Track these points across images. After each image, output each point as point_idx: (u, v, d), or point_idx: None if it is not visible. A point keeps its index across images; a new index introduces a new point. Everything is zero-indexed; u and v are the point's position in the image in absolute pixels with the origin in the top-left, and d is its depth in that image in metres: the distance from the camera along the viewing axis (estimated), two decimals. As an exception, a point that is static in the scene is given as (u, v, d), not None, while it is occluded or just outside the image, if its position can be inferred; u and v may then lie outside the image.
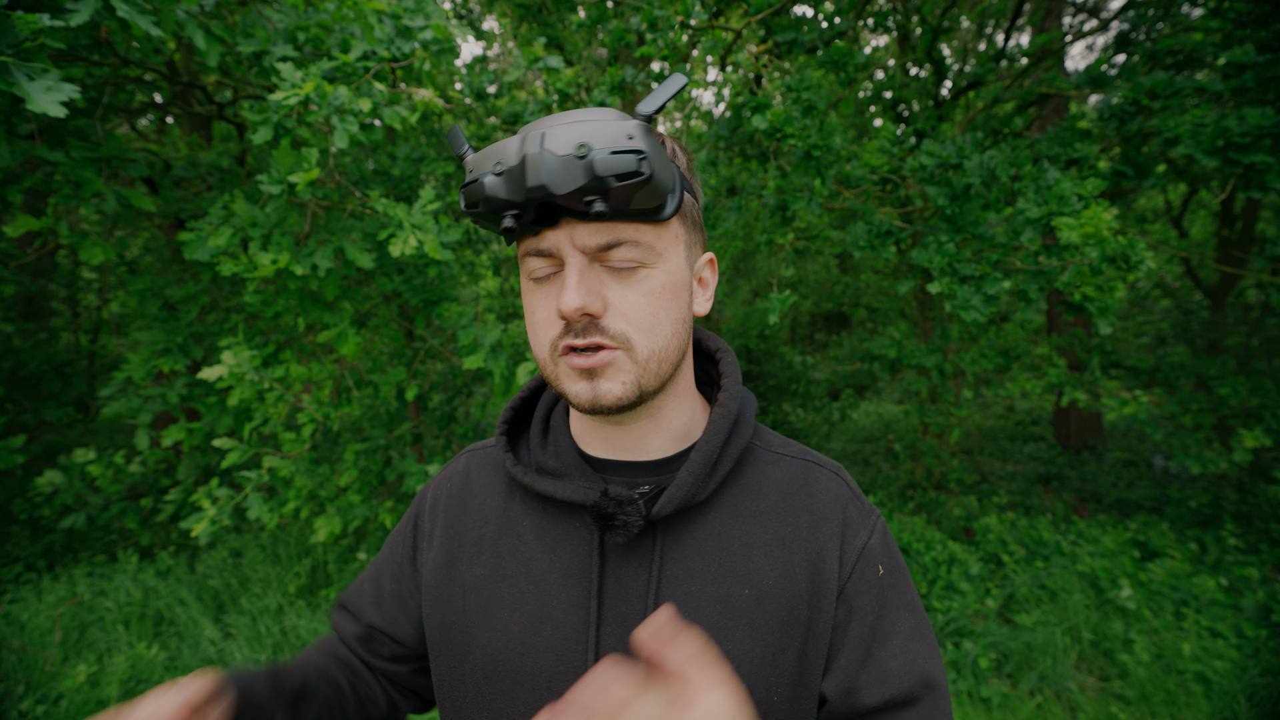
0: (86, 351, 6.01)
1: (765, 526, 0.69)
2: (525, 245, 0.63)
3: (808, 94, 2.69)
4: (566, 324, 0.61)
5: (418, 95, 1.96)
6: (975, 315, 2.46)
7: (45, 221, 2.03)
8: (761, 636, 0.65)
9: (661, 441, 0.72)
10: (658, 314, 0.62)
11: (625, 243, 0.60)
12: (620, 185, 0.55)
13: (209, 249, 1.94)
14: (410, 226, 1.91)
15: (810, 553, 0.69)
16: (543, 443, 0.75)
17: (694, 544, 0.68)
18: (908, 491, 5.51)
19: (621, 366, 0.61)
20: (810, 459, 0.76)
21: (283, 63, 1.77)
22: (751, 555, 0.68)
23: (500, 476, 0.78)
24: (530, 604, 0.69)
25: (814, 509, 0.71)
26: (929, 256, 2.66)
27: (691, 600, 0.66)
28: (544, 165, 0.54)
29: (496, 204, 0.58)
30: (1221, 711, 3.05)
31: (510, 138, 0.58)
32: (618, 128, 0.56)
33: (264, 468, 2.46)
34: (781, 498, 0.71)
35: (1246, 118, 2.54)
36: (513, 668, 0.68)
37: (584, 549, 0.69)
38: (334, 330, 2.34)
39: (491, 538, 0.74)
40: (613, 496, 0.65)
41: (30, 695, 3.18)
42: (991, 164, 2.67)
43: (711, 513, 0.69)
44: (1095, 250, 2.20)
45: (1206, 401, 4.11)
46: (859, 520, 0.72)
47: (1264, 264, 3.48)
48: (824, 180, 2.84)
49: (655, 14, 2.67)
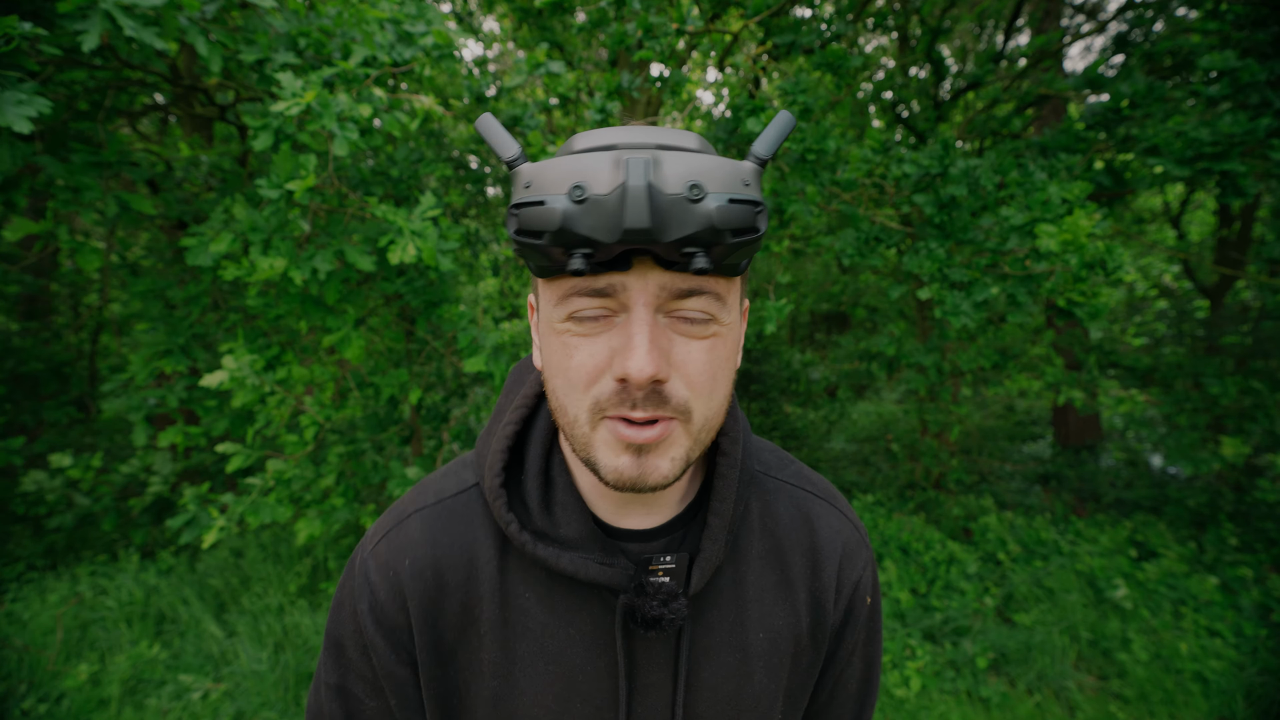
0: (87, 352, 6.02)
1: (773, 569, 0.69)
2: (572, 281, 0.51)
3: (803, 97, 2.70)
4: (622, 387, 0.51)
5: (418, 103, 1.97)
6: (965, 321, 2.48)
7: (44, 225, 2.04)
8: (775, 675, 0.67)
9: (670, 504, 0.66)
10: (718, 376, 0.54)
11: (706, 294, 0.51)
12: (735, 241, 0.47)
13: (211, 254, 1.96)
14: (410, 233, 1.92)
15: (813, 591, 0.70)
16: (544, 501, 0.64)
17: (711, 597, 0.66)
18: (907, 491, 5.52)
19: (676, 441, 0.53)
20: (808, 487, 0.74)
21: (283, 71, 1.78)
22: (763, 600, 0.68)
23: (482, 535, 0.65)
24: (554, 683, 0.64)
25: (816, 547, 0.71)
26: (920, 263, 2.67)
27: (712, 653, 0.66)
28: (652, 204, 0.44)
29: (572, 239, 0.46)
30: (1219, 710, 3.07)
31: (594, 154, 0.48)
32: (734, 170, 0.48)
33: (269, 472, 2.47)
34: (785, 535, 0.70)
35: (1218, 126, 2.56)
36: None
37: (604, 621, 0.64)
38: (338, 334, 2.35)
39: (491, 620, 0.64)
40: (653, 594, 0.60)
41: (32, 694, 3.19)
42: (976, 173, 2.68)
43: (726, 564, 0.67)
44: (1075, 257, 2.21)
45: (1201, 401, 4.13)
46: (855, 553, 0.73)
47: (1261, 265, 3.49)
48: (820, 183, 2.85)
49: (651, 20, 2.67)
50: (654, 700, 0.65)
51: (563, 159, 0.49)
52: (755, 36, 3.56)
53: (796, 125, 2.73)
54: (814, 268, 7.28)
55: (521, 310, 5.72)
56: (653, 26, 2.67)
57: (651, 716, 0.65)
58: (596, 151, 0.49)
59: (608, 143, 0.50)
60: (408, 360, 3.57)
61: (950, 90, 4.90)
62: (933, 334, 4.40)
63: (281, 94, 1.68)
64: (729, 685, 0.66)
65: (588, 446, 0.54)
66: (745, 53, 3.25)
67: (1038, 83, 4.05)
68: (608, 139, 0.51)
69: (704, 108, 6.20)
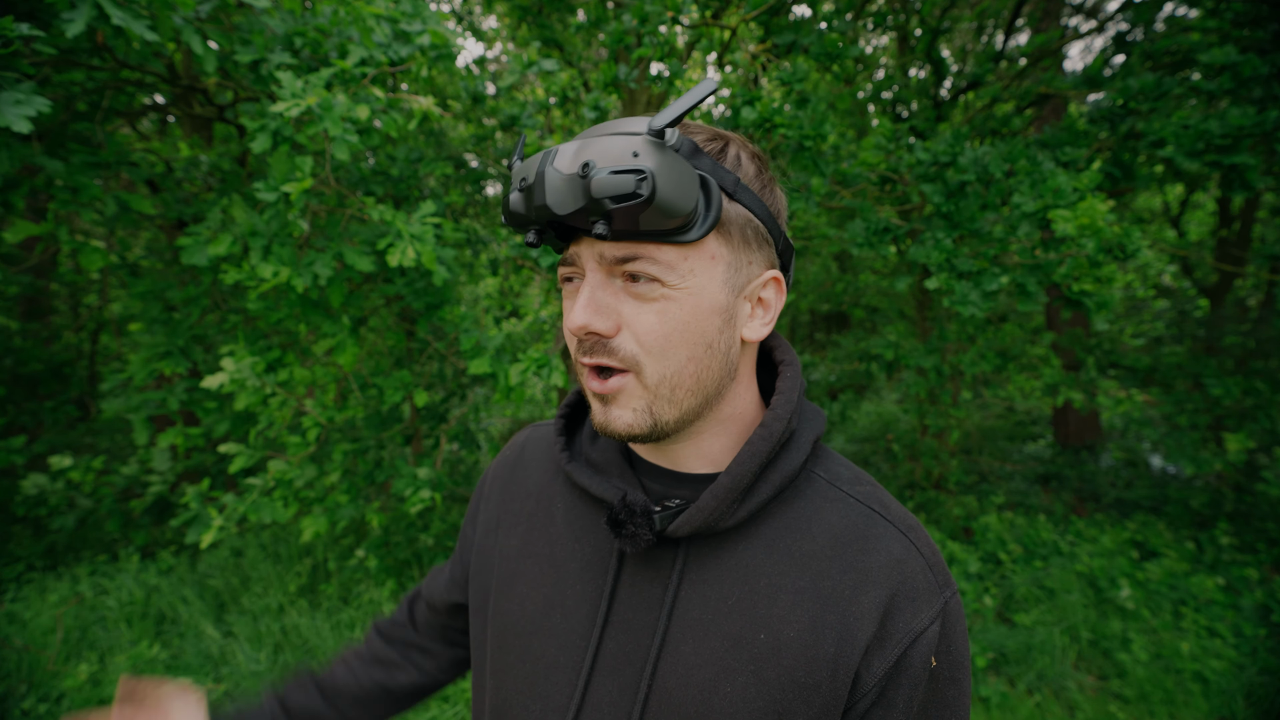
0: (87, 352, 6.02)
1: (802, 573, 0.61)
2: (564, 255, 0.63)
3: (800, 85, 2.69)
4: (580, 339, 0.60)
5: (415, 103, 1.97)
6: (974, 310, 2.46)
7: (45, 227, 2.04)
8: (768, 689, 0.58)
9: (702, 462, 0.68)
10: (671, 338, 0.58)
11: (641, 258, 0.56)
12: (618, 208, 0.52)
13: (207, 255, 1.95)
14: (409, 236, 1.92)
15: (845, 616, 0.59)
16: (594, 434, 0.76)
17: (716, 571, 0.63)
18: (907, 492, 5.52)
19: (632, 393, 0.60)
20: (878, 508, 0.65)
21: (282, 71, 1.78)
22: (776, 599, 0.61)
23: (550, 455, 0.80)
24: (546, 587, 0.70)
25: (865, 568, 0.61)
26: (926, 253, 2.67)
27: (700, 629, 0.61)
28: (549, 185, 0.54)
29: (517, 219, 0.59)
30: (1220, 710, 3.06)
31: (538, 153, 0.58)
32: (624, 145, 0.53)
33: (270, 473, 2.47)
34: (830, 544, 0.62)
35: (1227, 118, 2.55)
36: (520, 644, 0.69)
37: (605, 547, 0.68)
38: (333, 340, 2.35)
39: (528, 512, 0.76)
40: (629, 503, 0.62)
41: (32, 694, 3.19)
42: (985, 160, 2.68)
43: (744, 543, 0.63)
44: (1091, 241, 2.20)
45: (1201, 401, 4.12)
46: (920, 596, 0.60)
47: (1262, 263, 3.48)
48: (822, 174, 2.84)
49: (646, 9, 2.67)
50: (629, 643, 0.63)
51: (531, 156, 0.59)
52: (755, 36, 3.56)
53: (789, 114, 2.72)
54: (814, 267, 7.27)
55: (521, 310, 5.72)
56: (648, 16, 2.66)
57: (621, 663, 0.63)
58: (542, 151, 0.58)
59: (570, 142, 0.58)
60: (409, 361, 3.57)
61: (950, 90, 4.89)
62: (932, 335, 4.40)
63: (281, 94, 1.67)
64: (706, 672, 0.60)
65: (585, 392, 0.65)
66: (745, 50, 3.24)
67: (1038, 82, 4.05)
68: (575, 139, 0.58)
69: (704, 106, 6.19)
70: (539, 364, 2.31)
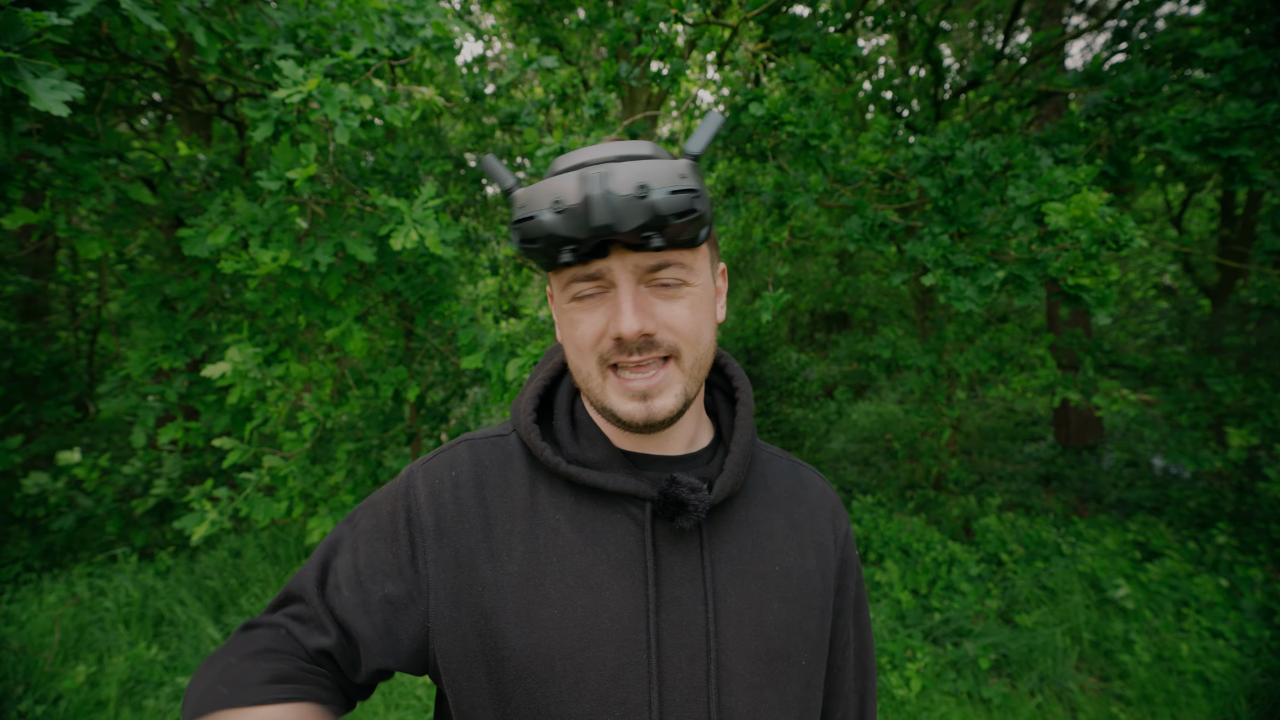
0: (85, 351, 6.01)
1: (778, 514, 0.80)
2: (570, 271, 0.66)
3: (804, 84, 2.69)
4: (619, 343, 0.65)
5: (418, 93, 1.96)
6: (970, 306, 2.45)
7: (43, 214, 2.03)
8: (790, 605, 0.75)
9: (679, 441, 0.78)
10: (700, 325, 0.68)
11: (672, 264, 0.65)
12: (679, 222, 0.61)
13: (208, 246, 1.94)
14: (412, 221, 1.91)
15: (813, 536, 0.81)
16: (573, 434, 0.77)
17: (730, 529, 0.75)
18: (907, 492, 5.50)
19: (673, 379, 0.68)
20: (792, 460, 0.89)
21: (284, 60, 1.77)
22: (774, 537, 0.78)
23: (517, 467, 0.75)
24: (582, 599, 0.68)
25: (809, 500, 0.84)
26: (923, 249, 2.65)
27: (737, 579, 0.73)
28: (609, 205, 0.59)
29: (558, 241, 0.62)
30: (1222, 712, 3.05)
31: (561, 176, 0.62)
32: (671, 168, 0.61)
33: (264, 468, 2.46)
34: (785, 490, 0.83)
35: (1225, 111, 2.54)
36: (574, 665, 0.66)
37: (630, 539, 0.71)
38: (339, 328, 2.33)
39: (522, 532, 0.71)
40: (684, 484, 0.69)
41: (29, 695, 3.17)
42: (983, 155, 2.67)
43: (738, 500, 0.78)
44: (1085, 233, 2.19)
45: (1203, 400, 4.11)
46: (839, 511, 0.87)
47: (1264, 258, 3.47)
48: (824, 171, 2.84)
49: (649, 6, 2.67)
50: (681, 616, 0.70)
51: (545, 181, 0.63)
52: (754, 34, 3.55)
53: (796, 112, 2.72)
54: (814, 267, 7.27)
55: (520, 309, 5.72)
56: (650, 13, 2.67)
57: (680, 634, 0.69)
58: (569, 171, 0.63)
59: (578, 162, 0.63)
60: (408, 358, 3.55)
61: (950, 89, 4.89)
62: (931, 336, 4.39)
63: (283, 82, 1.66)
64: (753, 612, 0.72)
65: (602, 397, 0.68)
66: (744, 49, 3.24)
67: (1038, 79, 4.04)
68: (577, 159, 0.64)
69: (704, 106, 6.19)
70: (538, 360, 2.29)
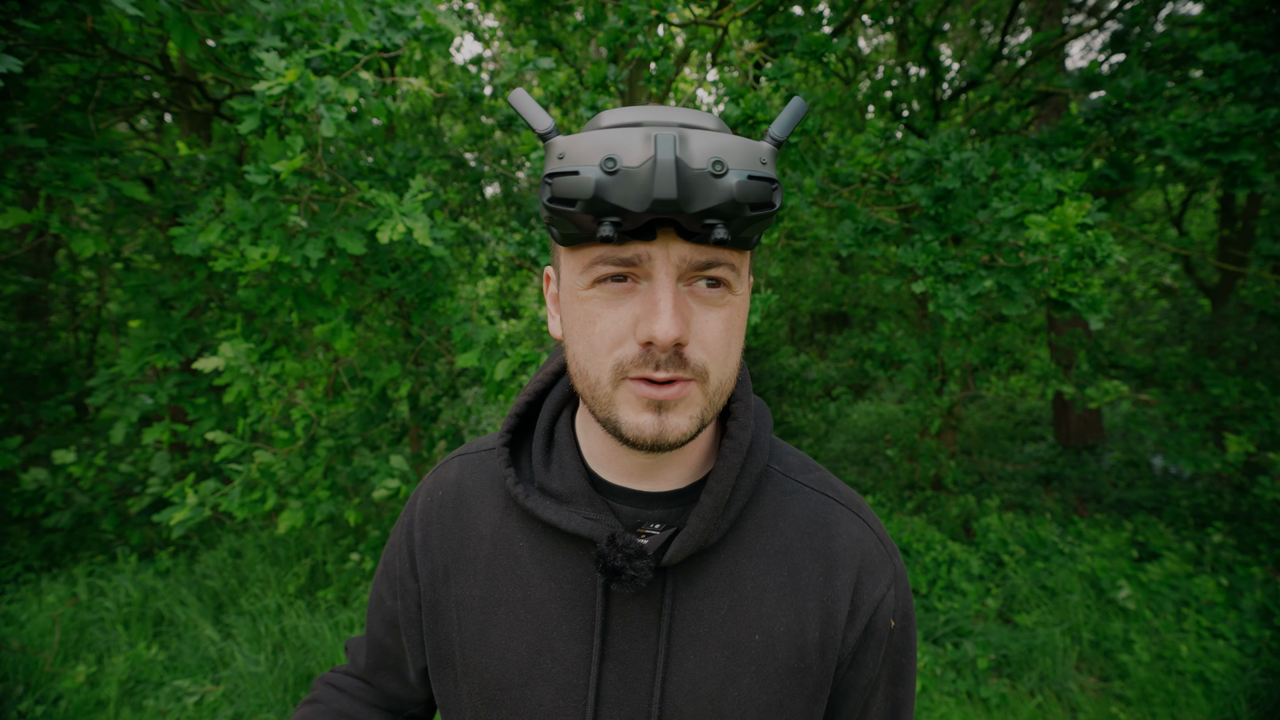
0: (85, 351, 6.02)
1: (779, 569, 0.65)
2: (598, 250, 0.54)
3: (786, 82, 2.68)
4: (646, 350, 0.53)
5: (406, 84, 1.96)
6: (959, 314, 2.45)
7: (36, 214, 2.03)
8: (769, 684, 0.63)
9: (679, 471, 0.66)
10: (731, 344, 0.57)
11: (722, 264, 0.54)
12: (752, 215, 0.51)
13: (199, 244, 1.94)
14: (399, 214, 1.90)
15: (824, 601, 0.65)
16: (545, 458, 0.68)
17: (704, 584, 0.64)
18: (906, 492, 5.50)
19: (694, 400, 0.56)
20: (831, 494, 0.71)
21: (267, 53, 1.75)
22: (763, 599, 0.64)
23: (496, 488, 0.72)
24: (529, 633, 0.64)
25: (831, 553, 0.67)
26: (914, 255, 2.65)
27: (699, 644, 0.63)
28: (680, 177, 0.48)
29: (603, 208, 0.49)
30: (1222, 712, 3.04)
31: (624, 130, 0.51)
32: (752, 150, 0.51)
33: (255, 462, 2.45)
34: (798, 537, 0.67)
35: (1226, 116, 2.53)
36: (511, 697, 0.64)
37: (586, 580, 0.64)
38: (329, 325, 2.32)
39: (486, 557, 0.68)
40: (621, 547, 0.59)
41: (29, 695, 3.18)
42: (969, 166, 2.66)
43: (724, 550, 0.65)
44: (1064, 247, 2.19)
45: (1201, 402, 4.10)
46: (877, 568, 0.68)
47: (1261, 263, 3.46)
48: (812, 173, 2.84)
49: (632, 10, 2.66)
50: (629, 672, 0.62)
51: (595, 133, 0.51)
52: (752, 34, 3.55)
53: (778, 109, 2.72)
54: (814, 268, 7.27)
55: (520, 311, 5.70)
56: (634, 16, 2.66)
57: (624, 691, 0.62)
58: (625, 128, 0.52)
59: (635, 120, 0.53)
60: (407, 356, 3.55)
61: (950, 89, 4.88)
62: (926, 333, 4.38)
63: (265, 75, 1.66)
64: (712, 683, 0.62)
65: (610, 406, 0.56)
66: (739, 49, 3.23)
67: (1037, 80, 4.04)
68: (634, 116, 0.53)
69: (704, 107, 6.19)
70: (526, 360, 2.29)
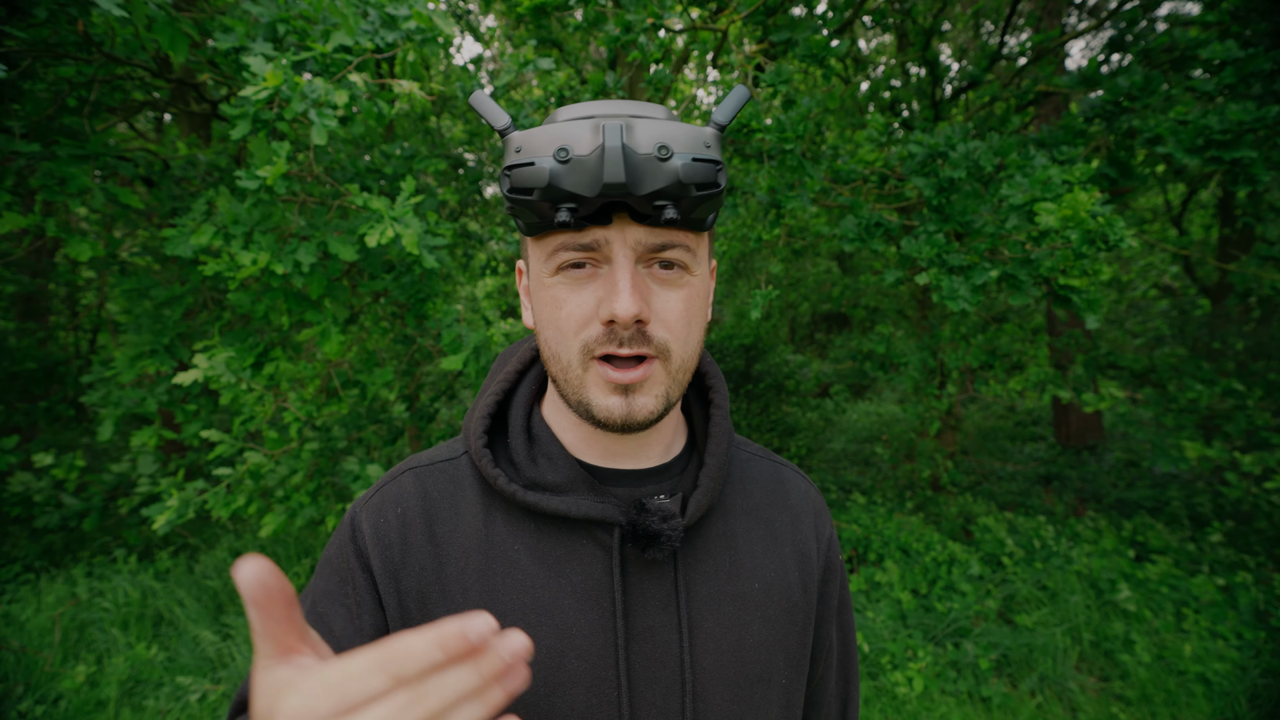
0: (84, 352, 6.02)
1: (757, 524, 0.73)
2: (560, 238, 0.57)
3: (784, 87, 2.68)
4: (609, 329, 0.57)
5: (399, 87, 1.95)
6: (963, 305, 2.44)
7: (32, 219, 2.02)
8: (772, 626, 0.69)
9: (658, 448, 0.69)
10: (692, 321, 0.60)
11: (677, 246, 0.57)
12: (700, 195, 0.54)
13: (191, 246, 1.92)
14: (390, 219, 1.89)
15: (796, 545, 0.74)
16: (529, 453, 0.67)
17: (704, 546, 0.68)
18: (905, 492, 5.50)
19: (658, 380, 0.59)
20: (774, 459, 0.81)
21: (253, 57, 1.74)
22: (753, 551, 0.71)
23: (469, 495, 0.67)
24: (547, 639, 0.62)
25: (791, 505, 0.77)
26: (918, 247, 2.64)
27: (713, 602, 0.67)
28: (626, 162, 0.51)
29: (558, 195, 0.53)
30: (1223, 712, 3.04)
31: (574, 122, 0.54)
32: (696, 134, 0.54)
33: (247, 463, 2.45)
34: (764, 495, 0.75)
35: (1227, 114, 2.52)
36: (539, 712, 0.61)
37: (597, 568, 0.63)
38: (315, 329, 2.30)
39: (478, 570, 0.64)
40: (654, 511, 0.62)
41: (29, 695, 3.18)
42: (975, 155, 2.65)
43: (715, 512, 0.70)
44: (1075, 232, 2.18)
45: (1185, 402, 4.10)
46: (823, 513, 0.80)
47: (1256, 263, 3.45)
48: (806, 174, 2.83)
49: (628, 18, 2.66)
50: (654, 648, 0.63)
51: (548, 127, 0.55)
52: (753, 36, 3.55)
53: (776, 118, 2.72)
54: (814, 268, 7.26)
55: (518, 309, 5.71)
56: (631, 24, 2.66)
57: (654, 667, 0.63)
58: (577, 120, 0.55)
59: (587, 114, 0.56)
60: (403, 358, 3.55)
61: (951, 86, 4.88)
62: (925, 336, 4.38)
63: (251, 79, 1.64)
64: (731, 635, 0.66)
65: (580, 389, 0.59)
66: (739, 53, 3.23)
67: (1036, 79, 4.03)
68: (587, 110, 0.56)
69: (703, 107, 6.19)
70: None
